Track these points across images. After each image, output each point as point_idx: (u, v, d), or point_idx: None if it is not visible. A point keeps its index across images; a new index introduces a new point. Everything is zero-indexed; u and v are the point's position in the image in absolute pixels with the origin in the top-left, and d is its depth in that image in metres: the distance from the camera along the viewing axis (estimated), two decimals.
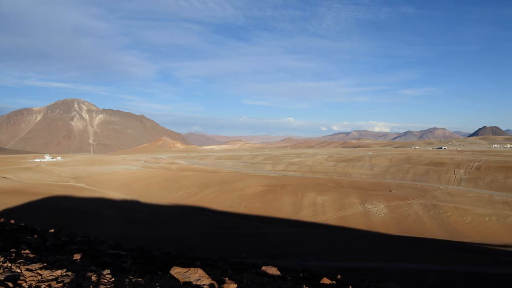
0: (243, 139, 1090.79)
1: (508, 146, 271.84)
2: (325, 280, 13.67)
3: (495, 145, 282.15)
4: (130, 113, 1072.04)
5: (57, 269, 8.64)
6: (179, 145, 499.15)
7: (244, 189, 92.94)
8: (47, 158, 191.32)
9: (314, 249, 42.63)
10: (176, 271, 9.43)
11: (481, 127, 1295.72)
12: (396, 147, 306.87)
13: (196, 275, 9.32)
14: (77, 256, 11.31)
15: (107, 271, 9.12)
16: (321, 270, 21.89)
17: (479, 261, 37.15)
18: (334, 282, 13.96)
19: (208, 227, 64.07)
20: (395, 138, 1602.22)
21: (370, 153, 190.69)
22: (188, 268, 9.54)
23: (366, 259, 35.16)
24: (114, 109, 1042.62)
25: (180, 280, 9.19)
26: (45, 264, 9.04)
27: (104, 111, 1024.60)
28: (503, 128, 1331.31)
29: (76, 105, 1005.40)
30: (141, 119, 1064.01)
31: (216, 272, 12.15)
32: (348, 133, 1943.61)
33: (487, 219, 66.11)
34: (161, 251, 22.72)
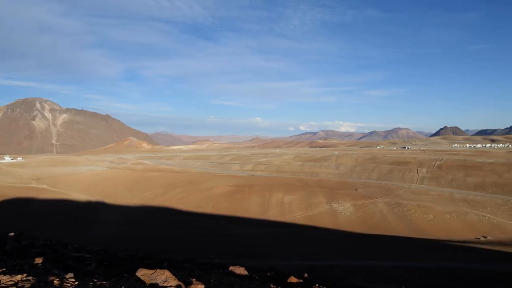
0: (211, 139, 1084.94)
1: (467, 145, 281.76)
2: (292, 279, 13.76)
3: (455, 145, 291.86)
4: (95, 112, 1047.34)
5: (17, 274, 8.34)
6: (145, 145, 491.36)
7: (212, 189, 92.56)
8: (7, 159, 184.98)
9: (282, 248, 42.88)
10: (142, 273, 9.27)
11: (442, 127, 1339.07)
12: (362, 147, 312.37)
13: (163, 276, 9.20)
14: (38, 260, 10.97)
15: (70, 275, 8.88)
16: (288, 269, 22.02)
17: (442, 257, 38.31)
18: (301, 280, 14.07)
19: (175, 228, 63.39)
20: (360, 138, 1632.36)
21: (336, 153, 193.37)
22: (154, 270, 9.40)
23: (333, 257, 35.63)
24: (79, 109, 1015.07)
25: (147, 282, 9.04)
26: (4, 269, 8.73)
27: (68, 110, 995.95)
28: (463, 129, 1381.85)
29: (38, 104, 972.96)
30: (106, 118, 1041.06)
31: (183, 273, 12.02)
32: (315, 133, 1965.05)
33: (448, 216, 68.29)
34: (127, 253, 22.31)
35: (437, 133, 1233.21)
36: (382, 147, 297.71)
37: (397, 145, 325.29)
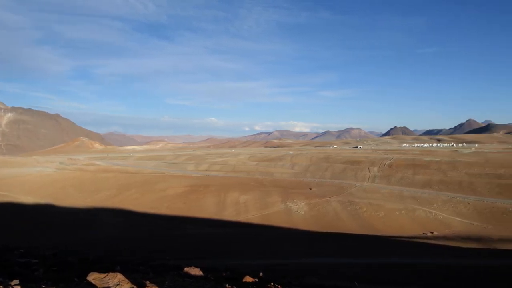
0: (165, 139, 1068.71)
1: (416, 145, 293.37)
2: (248, 279, 13.81)
3: (405, 144, 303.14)
4: (44, 112, 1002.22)
5: None
6: (98, 146, 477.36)
7: (167, 189, 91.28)
8: None
9: (238, 248, 42.92)
10: (94, 277, 9.00)
11: (392, 127, 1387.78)
12: (316, 147, 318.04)
13: (115, 280, 8.98)
14: None
15: (15, 282, 8.48)
16: (244, 268, 22.06)
17: (392, 253, 39.63)
18: (256, 280, 14.15)
19: (128, 230, 62.03)
20: (314, 137, 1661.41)
21: (291, 152, 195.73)
22: (106, 273, 9.15)
23: (288, 256, 36.01)
24: (26, 108, 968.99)
25: (98, 286, 8.79)
26: None
27: (13, 109, 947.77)
28: (411, 129, 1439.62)
29: None
30: (56, 118, 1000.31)
31: (136, 276, 11.79)
32: (270, 133, 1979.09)
33: (397, 213, 70.77)
34: (78, 257, 21.63)
35: (387, 133, 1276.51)
36: (335, 146, 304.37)
37: (349, 145, 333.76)
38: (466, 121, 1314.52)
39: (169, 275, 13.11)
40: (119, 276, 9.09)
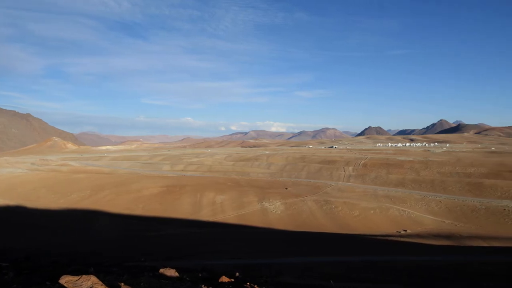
0: (141, 139, 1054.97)
1: (389, 144, 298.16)
2: (224, 279, 13.80)
3: (379, 144, 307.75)
4: (14, 111, 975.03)
5: None
6: (71, 146, 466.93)
7: (142, 190, 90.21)
8: None
9: (214, 248, 42.75)
10: (66, 280, 8.84)
11: (366, 127, 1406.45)
12: (292, 147, 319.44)
13: (89, 282, 8.83)
14: None
15: None
16: (220, 268, 22.00)
17: (367, 251, 40.19)
18: (232, 280, 14.15)
19: (102, 231, 61.05)
20: (290, 137, 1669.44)
21: (267, 152, 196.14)
22: (79, 276, 9.00)
23: (264, 256, 36.07)
24: None
25: None
26: None
27: None
28: (385, 129, 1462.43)
29: None
30: (27, 118, 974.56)
31: (111, 278, 11.64)
32: (246, 133, 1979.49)
33: (372, 212, 71.82)
34: (50, 260, 21.20)
35: (362, 133, 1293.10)
36: (311, 146, 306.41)
37: (325, 145, 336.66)
38: (438, 121, 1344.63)
39: (144, 276, 12.96)
40: (93, 278, 8.95)
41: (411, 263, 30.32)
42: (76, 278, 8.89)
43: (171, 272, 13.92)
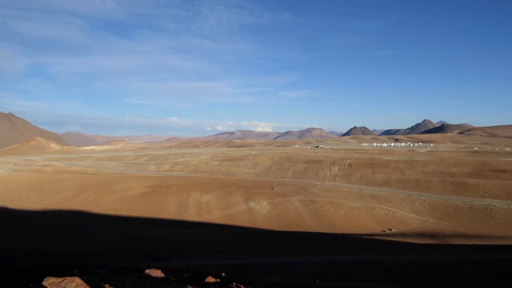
0: (126, 139, 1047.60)
1: (375, 144, 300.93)
2: (210, 279, 13.76)
3: (364, 144, 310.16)
4: None
5: None
6: (55, 146, 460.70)
7: (127, 190, 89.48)
8: None
9: (200, 249, 42.60)
10: (50, 282, 8.70)
11: (352, 127, 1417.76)
12: (278, 146, 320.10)
13: (73, 284, 8.71)
14: None
15: None
16: (206, 269, 21.95)
17: (353, 250, 40.45)
18: (218, 280, 14.12)
19: (87, 232, 60.41)
20: (276, 137, 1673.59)
21: (253, 152, 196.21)
22: (63, 278, 8.87)
23: (251, 256, 36.06)
24: None
25: None
26: None
27: None
28: (370, 129, 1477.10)
29: None
30: (9, 117, 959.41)
31: (95, 279, 11.51)
32: (232, 133, 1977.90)
33: (357, 211, 72.31)
34: (34, 261, 20.89)
35: (347, 133, 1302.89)
36: (297, 146, 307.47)
37: (311, 145, 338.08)
38: (422, 121, 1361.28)
39: (129, 277, 12.86)
40: (77, 280, 8.83)
41: (397, 262, 30.61)
42: (59, 280, 8.76)
43: (156, 273, 13.83)
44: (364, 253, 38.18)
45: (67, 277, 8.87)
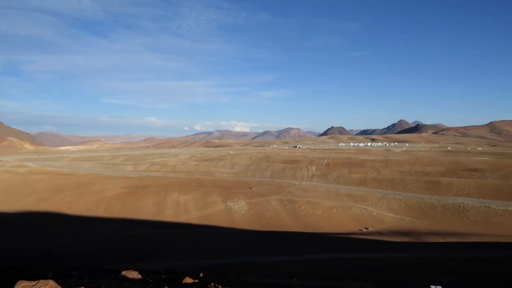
0: (103, 139, 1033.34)
1: (352, 144, 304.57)
2: (188, 280, 13.70)
3: (341, 144, 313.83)
4: None
5: None
6: (28, 146, 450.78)
7: (104, 191, 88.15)
8: None
9: (178, 249, 42.31)
10: (23, 286, 8.52)
11: (329, 127, 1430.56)
12: (256, 146, 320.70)
13: (47, 287, 8.55)
14: None
15: None
16: (184, 269, 21.82)
17: (331, 249, 40.81)
18: (196, 280, 14.07)
19: (61, 234, 59.21)
20: (254, 137, 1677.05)
21: (231, 152, 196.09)
22: (37, 281, 8.69)
23: (229, 256, 36.00)
24: None
25: None
26: None
27: None
28: (347, 128, 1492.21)
29: None
30: None
31: (70, 282, 11.30)
32: (210, 133, 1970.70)
33: (335, 210, 73.01)
34: (6, 264, 20.39)
35: (325, 133, 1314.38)
36: (275, 146, 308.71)
37: (289, 145, 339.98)
38: (398, 121, 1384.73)
39: (105, 279, 12.68)
40: (51, 283, 8.68)
41: (372, 259, 31.05)
42: (33, 283, 8.59)
43: (133, 274, 13.69)
44: (341, 251, 38.59)
45: (41, 280, 8.71)
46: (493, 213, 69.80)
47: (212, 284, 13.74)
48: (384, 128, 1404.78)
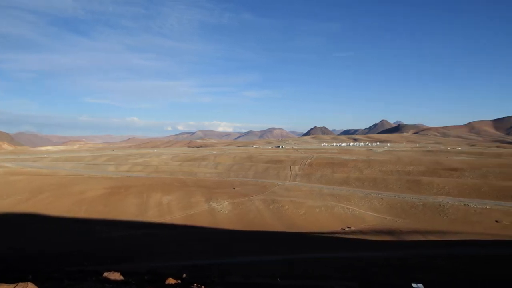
0: (84, 139, 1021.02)
1: (334, 144, 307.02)
2: (170, 280, 13.63)
3: (324, 144, 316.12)
4: None
5: None
6: (6, 146, 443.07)
7: (85, 192, 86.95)
8: None
9: (161, 250, 42.03)
10: None
11: (312, 127, 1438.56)
12: (239, 146, 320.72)
13: None
14: None
15: None
16: (167, 270, 21.69)
17: (313, 248, 41.03)
18: (179, 281, 14.00)
19: (43, 236, 58.23)
20: (237, 137, 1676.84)
21: (214, 152, 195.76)
22: (16, 284, 8.54)
23: (212, 256, 35.93)
24: None
25: None
26: None
27: None
28: (330, 128, 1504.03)
29: None
30: None
31: (50, 284, 11.14)
32: (193, 133, 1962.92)
33: (317, 210, 73.43)
34: None
35: (308, 133, 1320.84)
36: (258, 146, 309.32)
37: (272, 144, 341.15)
38: (380, 121, 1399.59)
39: (86, 281, 12.53)
40: (30, 285, 8.53)
41: (355, 259, 31.32)
42: (12, 286, 8.43)
43: (115, 276, 13.55)
44: (324, 251, 38.84)
45: (20, 283, 8.56)
46: (472, 211, 71.19)
47: (196, 284, 13.68)
48: (366, 128, 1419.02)
